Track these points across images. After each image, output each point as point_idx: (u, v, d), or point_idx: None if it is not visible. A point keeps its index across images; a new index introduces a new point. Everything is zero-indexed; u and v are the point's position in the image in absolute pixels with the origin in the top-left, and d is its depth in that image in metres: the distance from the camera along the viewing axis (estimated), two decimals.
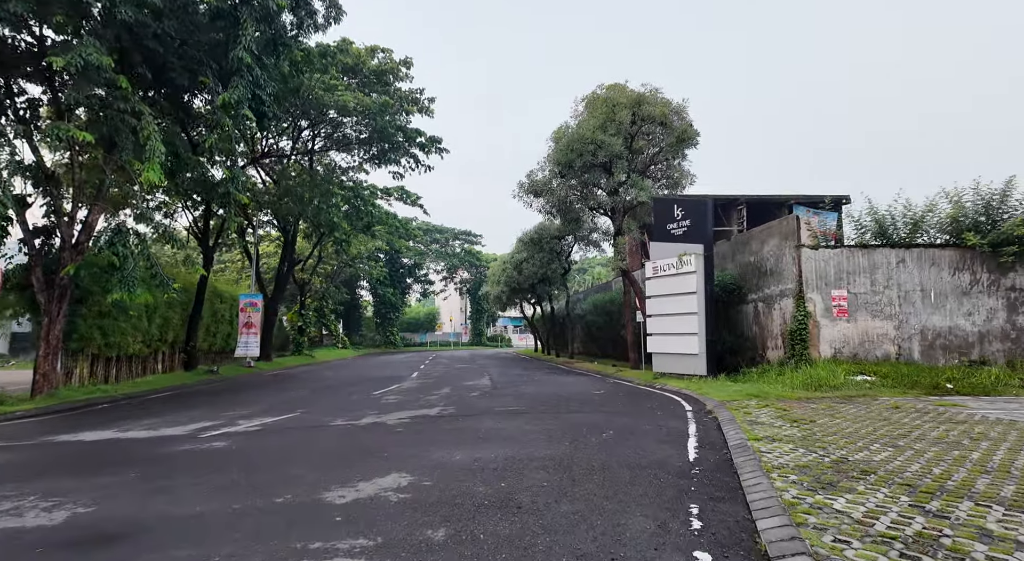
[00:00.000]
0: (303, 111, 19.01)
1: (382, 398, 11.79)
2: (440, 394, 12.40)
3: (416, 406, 10.34)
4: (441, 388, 13.80)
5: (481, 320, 66.44)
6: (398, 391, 13.29)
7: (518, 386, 14.20)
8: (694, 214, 14.60)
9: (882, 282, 13.00)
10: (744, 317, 15.86)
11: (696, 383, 13.19)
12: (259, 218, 27.94)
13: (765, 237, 14.93)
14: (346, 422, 8.57)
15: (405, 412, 9.55)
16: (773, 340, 14.53)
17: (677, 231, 14.94)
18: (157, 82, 14.13)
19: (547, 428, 7.75)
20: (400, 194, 33.36)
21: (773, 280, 14.48)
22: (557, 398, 11.42)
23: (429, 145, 21.66)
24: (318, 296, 43.41)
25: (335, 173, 25.20)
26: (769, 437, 6.64)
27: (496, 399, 11.35)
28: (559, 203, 19.42)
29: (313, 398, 12.15)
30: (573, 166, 17.14)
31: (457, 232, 61.03)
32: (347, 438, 7.31)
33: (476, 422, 8.37)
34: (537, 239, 29.24)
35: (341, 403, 11.10)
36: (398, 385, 14.85)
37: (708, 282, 14.17)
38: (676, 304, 14.59)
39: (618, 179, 16.20)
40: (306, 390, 14.03)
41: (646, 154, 17.99)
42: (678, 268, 14.57)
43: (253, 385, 15.84)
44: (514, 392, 12.71)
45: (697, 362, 14.02)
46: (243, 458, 6.21)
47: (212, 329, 22.95)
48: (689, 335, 14.17)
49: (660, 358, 15.22)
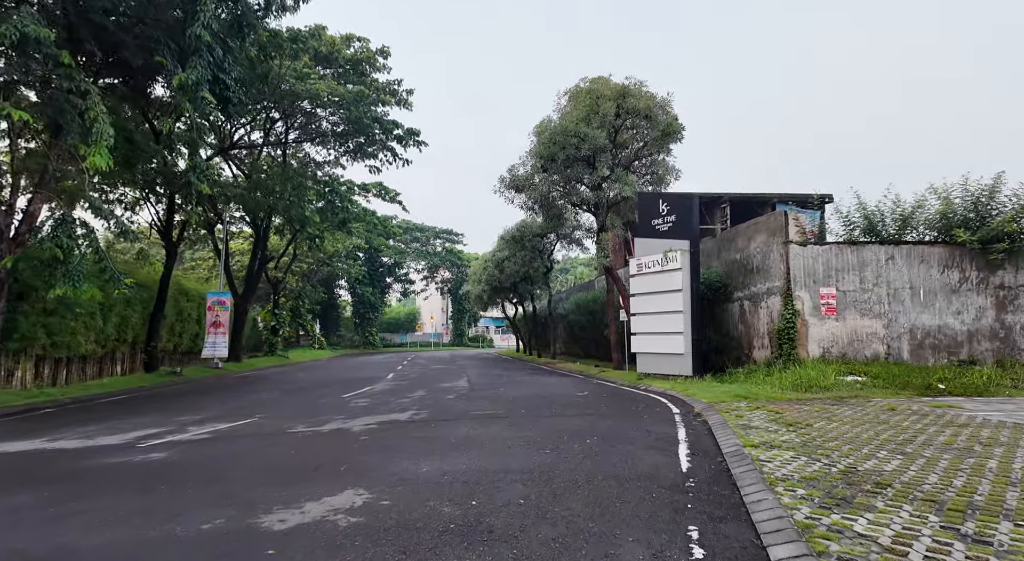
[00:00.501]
0: (274, 101, 18.12)
1: (351, 401, 11.04)
2: (413, 397, 11.70)
3: (386, 410, 9.63)
4: (415, 390, 13.09)
5: (463, 320, 65.61)
6: (370, 394, 12.55)
7: (497, 388, 13.57)
8: (680, 209, 14.13)
9: (871, 280, 12.68)
10: (730, 316, 15.45)
11: (682, 384, 12.70)
12: (231, 213, 26.86)
13: (752, 234, 14.54)
14: (307, 429, 7.84)
15: (374, 417, 8.83)
16: (760, 339, 14.13)
17: (662, 227, 14.46)
18: (111, 63, 13.18)
19: (526, 435, 7.13)
20: (378, 190, 32.44)
21: (760, 278, 14.09)
22: (538, 401, 10.81)
23: (407, 138, 20.89)
24: (293, 295, 42.21)
25: (309, 167, 24.28)
26: (766, 443, 6.11)
27: (473, 402, 10.69)
28: (541, 199, 18.85)
29: (277, 401, 11.35)
30: (556, 159, 16.57)
31: (438, 231, 60.17)
32: (304, 447, 6.59)
33: (449, 428, 7.70)
34: (519, 237, 28.65)
35: (306, 407, 10.33)
36: (371, 387, 14.09)
37: (694, 279, 13.71)
38: (661, 302, 14.10)
39: (602, 173, 15.68)
40: (272, 393, 13.20)
41: (630, 149, 17.52)
42: (663, 265, 14.09)
43: (216, 387, 14.93)
44: (492, 394, 12.07)
45: (682, 362, 13.54)
46: (180, 473, 5.46)
47: (178, 329, 21.87)
48: (674, 334, 13.69)
49: (644, 358, 14.72)
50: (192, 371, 19.87)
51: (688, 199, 14.05)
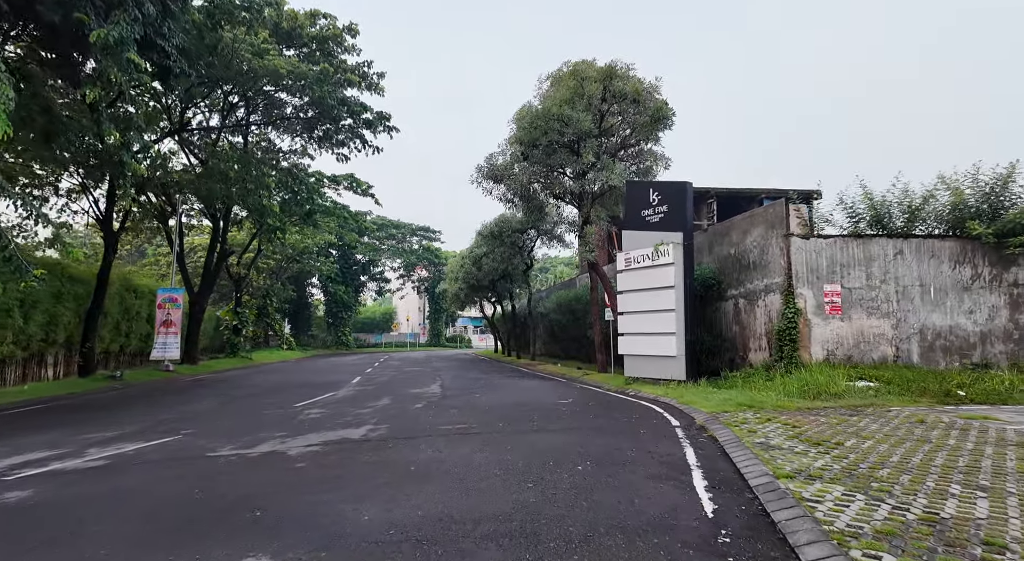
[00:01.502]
0: (230, 79, 16.45)
1: (302, 412, 9.58)
2: (376, 406, 10.28)
3: (339, 424, 8.21)
4: (380, 398, 11.67)
5: (440, 320, 63.98)
6: (327, 402, 11.08)
7: (472, 394, 12.23)
8: (672, 199, 12.99)
9: (879, 276, 11.71)
10: (723, 315, 14.39)
11: (675, 389, 11.54)
12: (190, 204, 24.92)
13: (748, 226, 13.48)
14: (233, 452, 6.39)
15: (321, 434, 7.42)
16: (756, 341, 13.08)
17: (653, 218, 13.30)
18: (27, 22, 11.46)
19: (504, 458, 5.82)
20: (349, 182, 30.90)
21: (757, 274, 13.03)
22: (518, 410, 9.51)
23: (377, 122, 19.35)
24: (261, 293, 40.16)
25: (275, 155, 22.54)
26: (801, 472, 4.92)
27: (443, 413, 9.33)
28: (521, 190, 17.56)
29: (215, 412, 9.82)
30: (538, 146, 15.29)
31: (415, 228, 58.44)
32: (218, 481, 5.17)
33: (410, 449, 6.35)
34: (498, 233, 27.32)
35: (246, 420, 8.84)
36: (330, 394, 12.61)
37: (688, 275, 12.58)
38: (651, 300, 12.94)
39: (587, 161, 14.46)
40: (215, 401, 11.63)
41: (617, 136, 16.34)
42: (654, 259, 12.93)
43: (155, 395, 13.26)
44: (467, 402, 10.73)
45: (675, 365, 12.40)
46: (25, 524, 4.01)
47: (124, 328, 19.99)
48: (666, 335, 12.54)
49: (633, 361, 13.54)
50: (138, 375, 18.04)
51: (681, 187, 12.92)
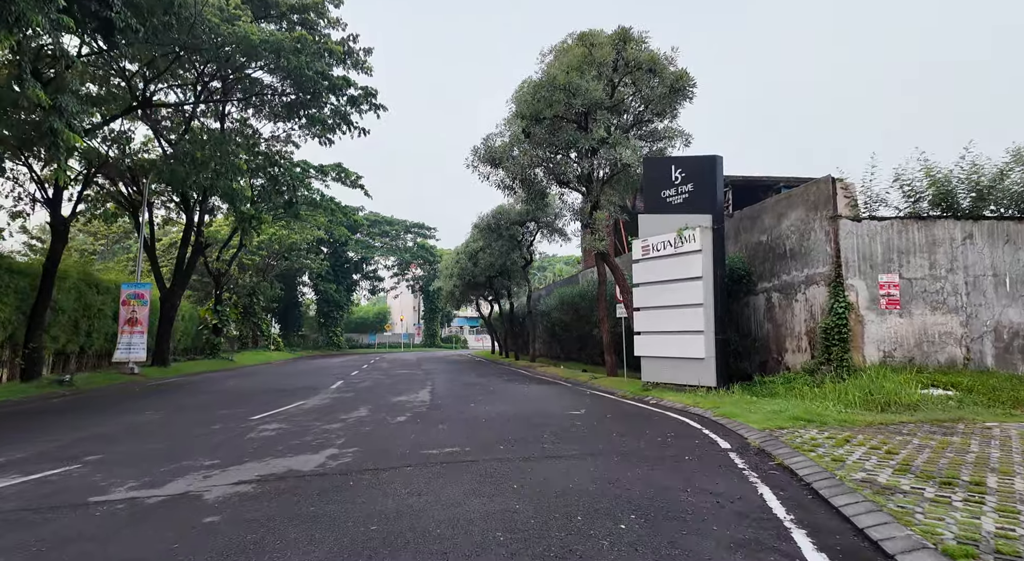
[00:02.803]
0: (194, 46, 14.60)
1: (256, 428, 7.77)
2: (348, 420, 8.48)
3: (295, 447, 6.41)
4: (357, 408, 9.87)
5: (435, 320, 62.12)
6: (292, 414, 9.27)
7: (466, 403, 10.44)
8: (699, 176, 11.25)
9: (944, 264, 9.99)
10: (753, 312, 12.66)
11: (706, 398, 9.80)
12: (167, 194, 23.05)
13: (784, 209, 11.76)
14: (131, 493, 4.59)
15: (265, 463, 5.61)
16: (794, 340, 11.35)
17: (675, 199, 11.56)
18: None
19: (509, 508, 4.05)
20: (338, 173, 29.06)
21: (796, 263, 11.31)
22: (522, 425, 7.73)
23: (362, 99, 17.55)
24: (246, 292, 38.24)
25: (255, 140, 20.67)
26: (974, 541, 3.17)
27: (430, 429, 7.54)
28: (522, 173, 15.77)
29: (151, 428, 7.99)
30: (541, 120, 13.53)
31: (409, 225, 56.61)
32: (67, 553, 3.37)
33: (377, 491, 4.57)
34: (495, 225, 25.58)
35: (180, 440, 7.02)
36: (302, 402, 10.80)
37: (718, 264, 10.83)
38: (674, 293, 11.19)
39: (597, 136, 12.69)
40: (162, 412, 9.80)
41: (630, 113, 14.59)
42: (677, 246, 11.19)
43: (98, 404, 11.40)
44: (459, 414, 8.94)
45: (703, 369, 10.64)
46: None
47: (84, 327, 18.11)
48: (692, 334, 10.79)
49: (651, 364, 11.79)
50: (94, 379, 16.16)
51: (710, 162, 11.17)
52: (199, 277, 34.74)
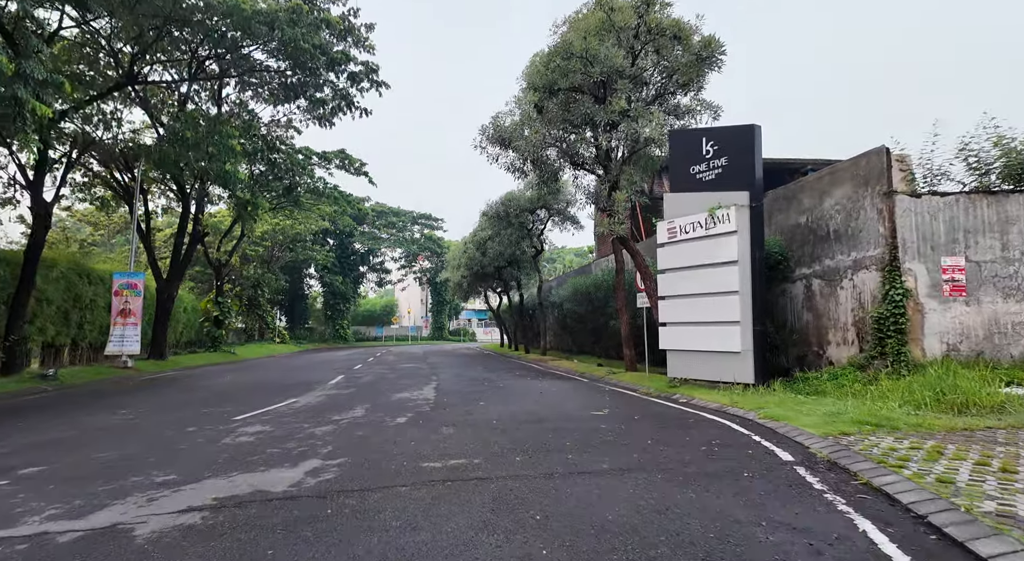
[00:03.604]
0: (180, 16, 13.57)
1: (234, 432, 6.78)
2: (341, 422, 7.47)
3: (272, 457, 5.41)
4: (353, 407, 8.87)
5: (443, 313, 61.25)
6: (280, 414, 8.29)
7: (474, 401, 9.42)
8: (734, 148, 10.08)
9: (1018, 245, 8.79)
10: (790, 300, 11.51)
11: (744, 396, 8.70)
12: (166, 184, 22.18)
13: (827, 187, 10.56)
14: (41, 528, 3.59)
15: (230, 479, 4.61)
16: (839, 332, 10.20)
17: (707, 175, 10.40)
18: None
19: (531, 552, 3.00)
20: (341, 160, 27.99)
21: (841, 246, 10.14)
22: (539, 429, 6.69)
23: (363, 76, 16.47)
24: (250, 283, 37.49)
25: (254, 124, 19.67)
26: None
27: (432, 434, 6.52)
28: (534, 153, 14.64)
29: (114, 432, 7.04)
30: (556, 91, 12.40)
31: (416, 215, 55.60)
32: None
33: (360, 522, 3.54)
34: (504, 213, 24.49)
35: (139, 447, 6.05)
36: (294, 400, 9.83)
37: (756, 246, 9.69)
38: (706, 280, 10.07)
39: (617, 107, 11.52)
40: (142, 410, 8.86)
41: (651, 85, 13.38)
42: (709, 227, 10.04)
43: (76, 401, 10.51)
44: (466, 416, 7.91)
45: (739, 364, 9.53)
46: None
47: (76, 318, 17.33)
48: (726, 325, 9.67)
49: (679, 358, 10.69)
50: (83, 373, 15.34)
51: (747, 132, 9.98)
52: (202, 268, 34.05)
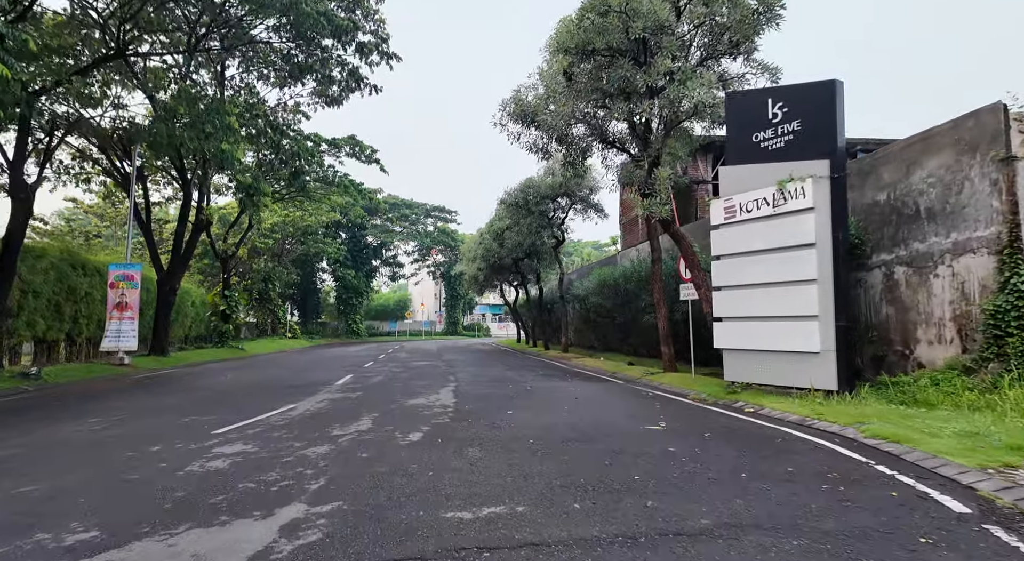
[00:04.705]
0: None
1: (206, 454, 5.42)
2: (342, 440, 6.08)
3: (236, 503, 4.01)
4: (359, 416, 7.48)
5: (457, 307, 59.96)
6: (272, 425, 6.92)
7: (502, 410, 7.98)
8: (809, 109, 8.47)
9: None
10: (865, 292, 9.89)
11: (829, 407, 7.17)
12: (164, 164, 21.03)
13: (915, 156, 8.91)
14: None
15: (164, 545, 3.22)
16: (933, 329, 8.58)
17: (774, 143, 8.81)
18: None
19: None
20: (352, 147, 26.70)
21: (935, 226, 8.51)
22: (586, 453, 5.24)
23: (372, 48, 15.04)
24: (261, 277, 36.50)
25: (254, 102, 18.38)
26: None
27: (455, 458, 5.09)
28: (560, 128, 13.11)
29: (66, 451, 5.71)
30: (590, 53, 10.87)
31: (429, 208, 54.27)
32: None
33: None
34: (523, 201, 22.99)
35: (78, 477, 4.69)
36: (291, 406, 8.47)
37: (838, 225, 8.11)
38: (773, 267, 8.52)
39: (663, 68, 9.94)
40: (116, 417, 7.55)
41: (695, 48, 11.75)
42: (778, 204, 8.47)
43: (46, 405, 9.27)
44: (494, 428, 6.47)
45: (818, 367, 7.97)
46: None
47: (70, 312, 16.20)
48: (802, 320, 8.12)
49: (738, 359, 9.15)
50: (73, 371, 14.22)
51: (826, 90, 8.35)
52: (210, 261, 33.08)
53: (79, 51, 14.12)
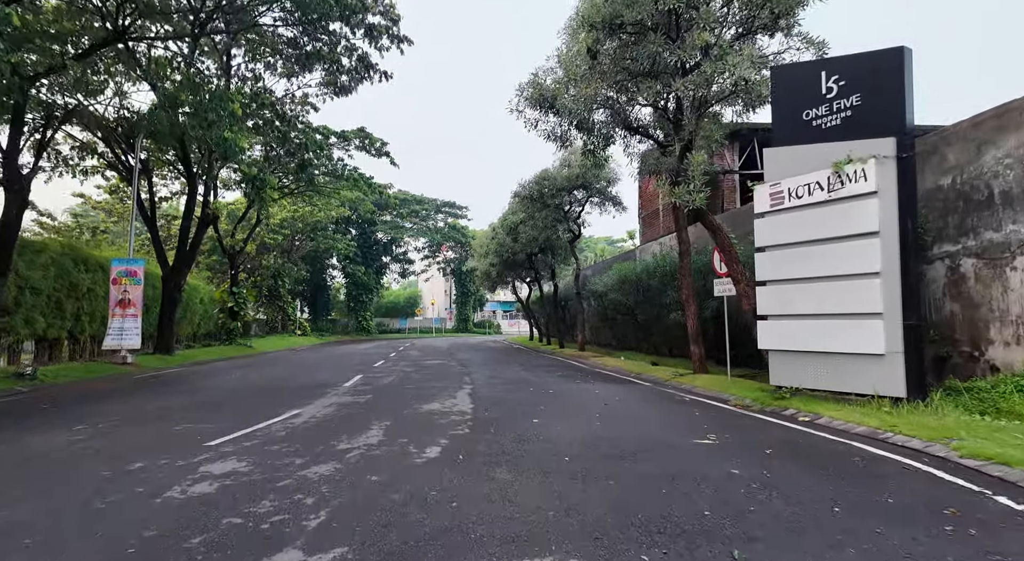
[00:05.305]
0: None
1: (191, 474, 4.68)
2: (349, 456, 5.31)
3: (220, 546, 3.25)
4: (369, 425, 6.72)
5: (467, 304, 59.25)
6: (272, 436, 6.18)
7: (526, 417, 7.19)
8: (871, 81, 7.55)
9: None
10: (926, 287, 8.96)
11: (900, 417, 6.30)
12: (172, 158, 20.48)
13: (987, 135, 7.97)
14: None
15: None
16: (1010, 328, 7.65)
17: (829, 120, 7.91)
18: None
19: None
20: (361, 140, 25.99)
21: (1012, 213, 7.57)
22: (639, 477, 4.42)
23: (381, 31, 14.27)
24: (270, 273, 36.01)
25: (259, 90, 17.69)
26: None
27: (479, 487, 4.30)
28: (582, 111, 12.23)
29: (31, 471, 5.00)
30: (617, 26, 10.01)
31: (440, 203, 53.56)
32: None
33: None
34: (538, 194, 22.15)
35: (40, 506, 3.95)
36: (295, 412, 7.73)
37: (906, 212, 7.21)
38: (829, 259, 7.63)
39: (700, 41, 9.05)
40: (107, 423, 6.86)
41: (728, 24, 10.82)
42: (834, 188, 7.58)
43: (34, 410, 8.61)
44: (523, 444, 5.68)
45: (883, 371, 7.09)
46: None
47: (72, 309, 15.63)
48: (863, 318, 7.24)
49: (786, 361, 8.28)
50: (72, 370, 13.66)
51: (892, 59, 7.42)
52: (219, 257, 32.62)
53: (79, 36, 13.51)
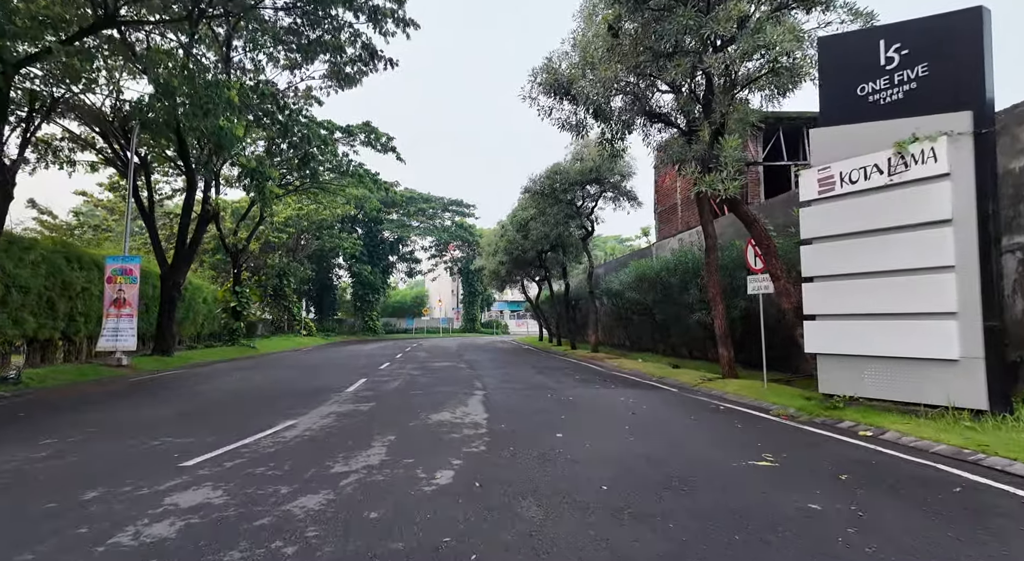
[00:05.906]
0: None
1: (157, 506, 3.89)
2: (344, 485, 4.50)
3: None
4: (370, 442, 5.90)
5: (475, 304, 58.44)
6: (260, 453, 5.39)
7: (548, 434, 6.34)
8: (940, 48, 6.64)
9: None
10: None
11: (986, 433, 5.41)
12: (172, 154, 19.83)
13: None
14: None
15: None
16: None
17: (888, 95, 7.00)
18: None
19: None
20: (367, 135, 25.24)
21: None
22: (686, 510, 3.57)
23: (386, 13, 13.47)
24: (275, 273, 35.40)
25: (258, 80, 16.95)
26: None
27: (502, 531, 3.46)
28: (600, 97, 11.38)
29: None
30: (643, 0, 9.11)
31: (447, 202, 52.79)
32: None
33: None
34: (549, 189, 21.29)
35: None
36: (290, 423, 6.94)
37: (984, 197, 6.30)
38: (891, 251, 6.73)
39: (736, 12, 8.17)
40: (82, 436, 6.10)
41: None
42: (895, 171, 6.68)
43: (9, 419, 7.88)
44: (545, 467, 4.85)
45: (959, 379, 6.18)
46: None
47: (64, 309, 14.96)
48: (933, 318, 6.34)
49: (840, 366, 7.37)
50: (60, 373, 12.98)
51: (967, 21, 6.47)
52: (222, 256, 32.04)
53: (70, 22, 12.83)
